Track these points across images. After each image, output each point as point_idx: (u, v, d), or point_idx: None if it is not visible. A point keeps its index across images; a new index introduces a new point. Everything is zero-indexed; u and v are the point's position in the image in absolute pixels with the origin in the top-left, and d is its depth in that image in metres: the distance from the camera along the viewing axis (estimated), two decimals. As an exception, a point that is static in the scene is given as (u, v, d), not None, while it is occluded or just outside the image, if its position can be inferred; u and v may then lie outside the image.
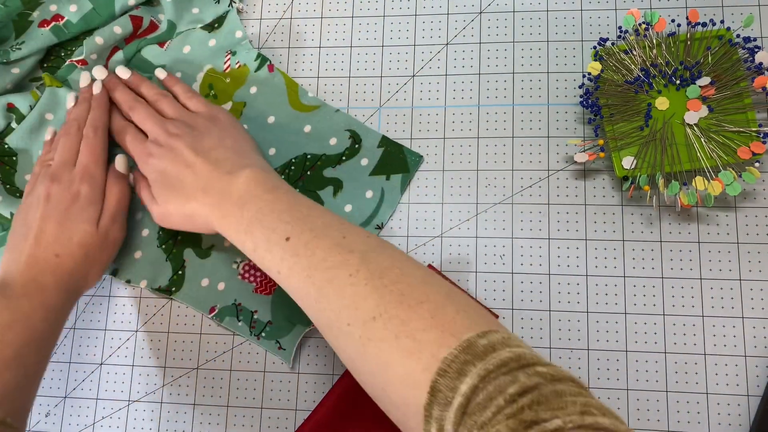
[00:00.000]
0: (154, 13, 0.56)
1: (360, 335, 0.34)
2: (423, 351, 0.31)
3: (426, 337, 0.31)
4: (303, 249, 0.38)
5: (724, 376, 0.45)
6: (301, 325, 0.49)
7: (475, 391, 0.28)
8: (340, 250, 0.37)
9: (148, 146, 0.48)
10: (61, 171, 0.48)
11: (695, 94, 0.46)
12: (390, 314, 0.33)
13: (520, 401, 0.26)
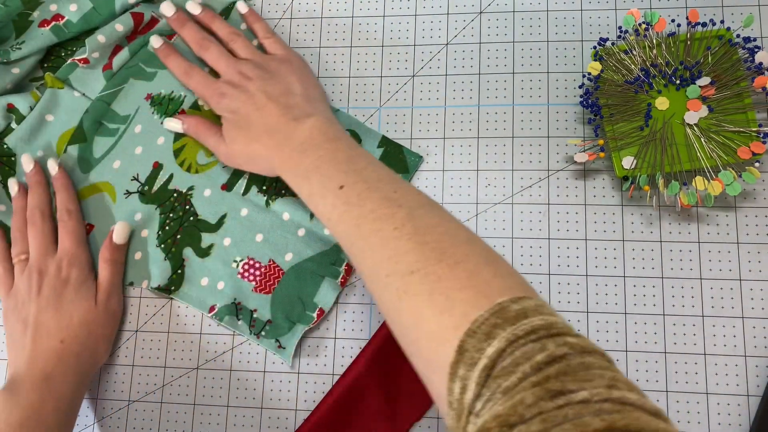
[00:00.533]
0: (154, 9, 0.56)
1: (397, 287, 0.34)
2: (455, 309, 0.31)
3: (459, 296, 0.32)
4: (355, 198, 0.38)
5: (724, 376, 0.45)
6: (301, 324, 0.49)
7: (501, 354, 0.28)
8: (389, 204, 0.37)
9: (221, 86, 0.49)
10: (44, 262, 0.49)
11: (695, 94, 0.46)
12: (427, 270, 0.33)
13: (547, 370, 0.26)
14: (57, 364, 0.46)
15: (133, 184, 0.54)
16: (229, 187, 0.52)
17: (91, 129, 0.55)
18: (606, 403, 0.24)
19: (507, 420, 0.25)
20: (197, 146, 0.53)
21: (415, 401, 0.47)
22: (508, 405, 0.25)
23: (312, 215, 0.51)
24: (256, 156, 0.46)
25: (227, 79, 0.49)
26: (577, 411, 0.24)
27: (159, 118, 0.54)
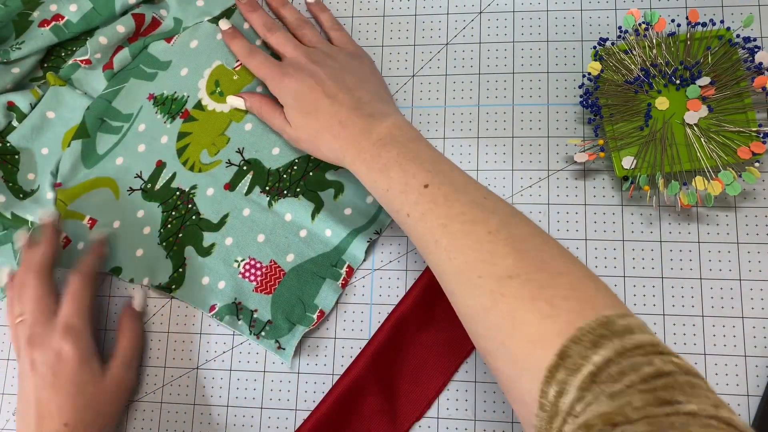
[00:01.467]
0: (155, 9, 0.56)
1: (492, 289, 0.34)
2: (560, 316, 0.31)
3: (564, 304, 0.32)
4: (442, 199, 0.38)
5: (724, 376, 0.45)
6: (301, 325, 0.49)
7: (608, 363, 0.28)
8: (481, 209, 0.37)
9: (285, 67, 0.48)
10: (37, 331, 0.45)
11: (695, 94, 0.46)
12: (529, 277, 0.33)
13: (655, 382, 0.26)
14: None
15: (136, 182, 0.54)
16: (232, 186, 0.52)
17: (94, 125, 0.55)
18: (713, 420, 0.25)
19: (612, 419, 0.25)
20: (200, 145, 0.53)
21: (415, 401, 0.47)
22: (614, 405, 0.26)
23: (314, 217, 0.51)
24: (324, 145, 0.45)
25: (293, 60, 0.48)
26: (684, 421, 0.24)
27: (162, 117, 0.54)
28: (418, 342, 0.48)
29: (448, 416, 0.47)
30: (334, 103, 0.45)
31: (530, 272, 0.33)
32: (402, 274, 0.50)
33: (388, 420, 0.47)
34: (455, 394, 0.48)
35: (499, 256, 0.34)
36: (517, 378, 0.32)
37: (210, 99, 0.54)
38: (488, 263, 0.35)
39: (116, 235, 0.53)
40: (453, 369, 0.48)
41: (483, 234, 0.35)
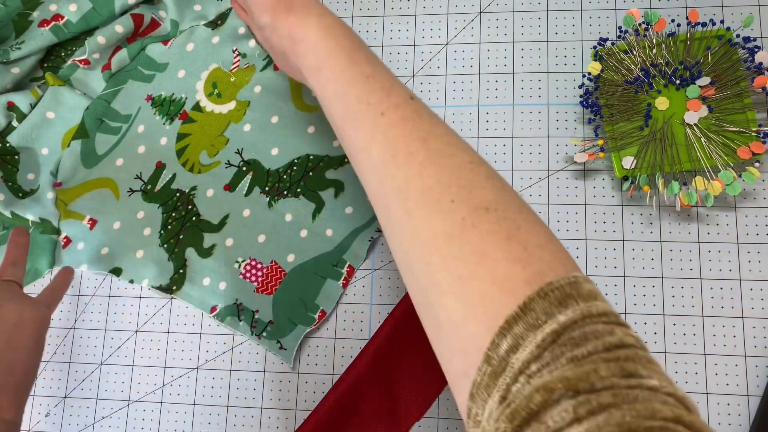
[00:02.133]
0: (154, 10, 0.56)
1: (464, 217, 0.31)
2: (531, 264, 0.29)
3: (537, 252, 0.30)
4: (427, 115, 0.35)
5: (724, 376, 0.45)
6: (302, 325, 0.49)
7: (572, 325, 0.27)
8: (461, 141, 0.35)
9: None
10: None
11: (695, 94, 0.46)
12: (507, 215, 0.31)
13: (617, 353, 0.26)
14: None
15: (136, 183, 0.54)
16: (232, 187, 0.52)
17: (93, 126, 0.55)
18: (671, 397, 0.25)
19: (575, 385, 0.24)
20: (200, 146, 0.54)
21: (415, 401, 0.47)
22: (578, 371, 0.25)
23: (314, 217, 0.51)
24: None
25: None
26: (647, 396, 0.24)
27: (161, 119, 0.55)
28: (418, 342, 0.48)
29: (448, 416, 0.47)
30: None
31: (508, 211, 0.31)
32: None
33: (388, 420, 0.47)
34: (455, 394, 0.48)
35: (479, 187, 0.32)
36: (463, 321, 0.30)
37: (208, 100, 0.54)
38: (465, 190, 0.32)
39: (116, 235, 0.53)
40: (453, 369, 0.48)
41: (464, 161, 0.33)
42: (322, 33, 0.38)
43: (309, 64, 0.39)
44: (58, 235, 0.54)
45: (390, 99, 0.35)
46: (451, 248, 0.31)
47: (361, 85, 0.36)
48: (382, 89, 0.36)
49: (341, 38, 0.38)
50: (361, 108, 0.36)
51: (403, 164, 0.34)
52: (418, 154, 0.33)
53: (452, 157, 0.33)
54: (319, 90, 0.38)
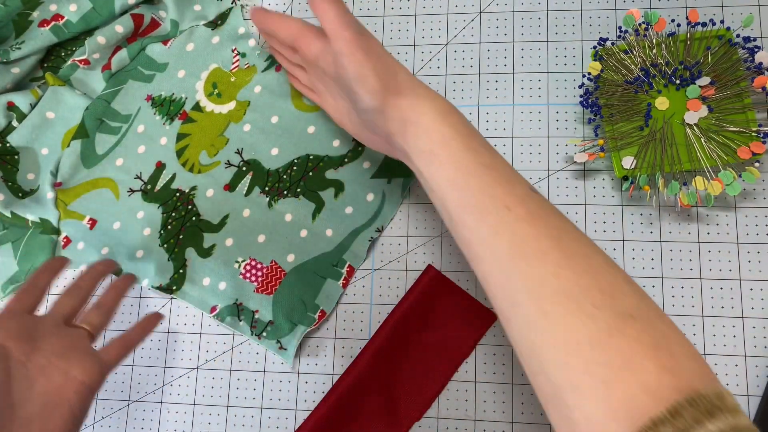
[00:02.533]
0: (154, 10, 0.57)
1: (609, 324, 0.31)
2: (681, 374, 0.29)
3: (686, 363, 0.30)
4: (552, 210, 0.35)
5: (724, 376, 0.45)
6: (302, 325, 0.49)
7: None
8: (590, 240, 0.34)
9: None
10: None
11: (695, 94, 0.46)
12: (652, 323, 0.31)
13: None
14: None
15: (136, 182, 0.54)
16: (232, 187, 0.52)
17: (93, 126, 0.55)
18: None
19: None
20: (200, 146, 0.54)
21: (415, 401, 0.47)
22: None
23: (314, 217, 0.51)
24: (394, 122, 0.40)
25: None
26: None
27: (161, 119, 0.55)
28: (418, 342, 0.48)
29: (448, 416, 0.47)
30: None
31: (652, 318, 0.31)
32: (402, 274, 0.50)
33: (388, 420, 0.47)
34: (455, 394, 0.48)
35: (620, 292, 0.32)
36: (604, 420, 0.30)
37: (208, 100, 0.54)
38: (607, 295, 0.32)
39: (116, 235, 0.53)
40: (453, 369, 0.48)
41: (600, 263, 0.33)
42: (436, 117, 0.37)
43: (420, 147, 0.38)
44: (58, 235, 0.54)
45: (514, 192, 0.35)
46: (595, 353, 0.31)
47: (481, 175, 0.36)
48: (506, 182, 0.35)
49: (457, 124, 0.37)
50: (483, 199, 0.35)
51: (535, 262, 0.33)
52: (551, 253, 0.33)
53: (587, 258, 0.33)
54: (428, 174, 0.37)
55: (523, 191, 0.35)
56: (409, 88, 0.39)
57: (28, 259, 0.53)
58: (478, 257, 0.35)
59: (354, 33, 0.38)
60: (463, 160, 0.36)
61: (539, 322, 0.32)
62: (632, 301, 0.32)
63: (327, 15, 0.38)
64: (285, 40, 0.45)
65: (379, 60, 0.38)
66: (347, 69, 0.38)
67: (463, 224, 0.36)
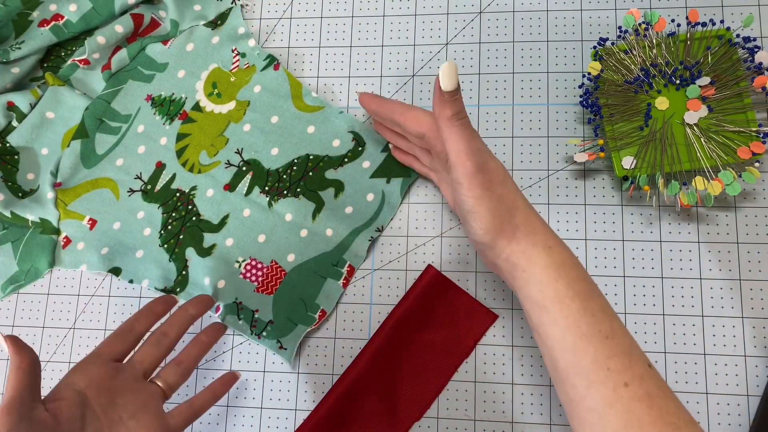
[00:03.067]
0: (154, 10, 0.57)
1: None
2: None
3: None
4: (668, 391, 0.35)
5: (724, 376, 0.45)
6: (303, 325, 0.49)
7: None
8: (690, 419, 0.34)
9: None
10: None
11: (695, 94, 0.46)
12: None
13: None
14: None
15: (136, 183, 0.54)
16: (232, 187, 0.52)
17: (93, 126, 0.55)
18: None
19: None
20: (199, 146, 0.54)
21: (415, 401, 0.47)
22: None
23: (314, 216, 0.51)
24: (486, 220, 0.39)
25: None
26: None
27: (161, 119, 0.55)
28: (418, 342, 0.48)
29: (448, 416, 0.47)
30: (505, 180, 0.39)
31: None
32: (402, 274, 0.50)
33: (388, 420, 0.47)
34: (455, 394, 0.48)
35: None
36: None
37: (208, 100, 0.54)
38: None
39: (116, 235, 0.53)
40: (453, 369, 0.48)
41: (663, 416, 0.33)
42: (550, 271, 0.36)
43: (531, 296, 0.37)
44: (58, 235, 0.54)
45: (633, 368, 0.34)
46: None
47: (598, 344, 0.35)
48: (624, 354, 0.34)
49: (575, 281, 0.36)
50: (598, 369, 0.34)
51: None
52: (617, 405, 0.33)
53: (654, 410, 0.33)
54: (538, 323, 0.37)
55: (642, 367, 0.34)
56: (524, 233, 0.38)
57: (28, 259, 0.53)
58: (584, 421, 0.35)
59: (476, 165, 0.37)
60: (580, 325, 0.35)
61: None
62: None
63: (452, 138, 0.37)
64: (391, 122, 0.45)
65: (499, 199, 0.38)
66: (463, 201, 0.38)
67: (572, 385, 0.35)
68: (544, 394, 0.47)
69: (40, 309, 0.54)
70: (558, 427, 0.46)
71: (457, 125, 0.37)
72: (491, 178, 0.38)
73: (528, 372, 0.47)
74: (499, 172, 0.39)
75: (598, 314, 0.35)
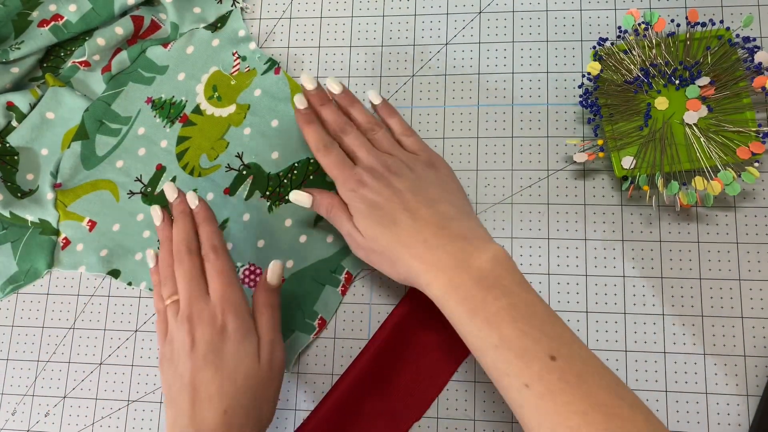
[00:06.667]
0: (154, 12, 0.57)
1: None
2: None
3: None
4: (575, 379, 0.34)
5: (724, 376, 0.45)
6: (300, 332, 0.49)
7: None
8: (620, 398, 0.34)
9: (361, 173, 0.43)
10: (197, 308, 0.41)
11: (695, 94, 0.46)
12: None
13: None
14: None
15: (136, 185, 0.54)
16: (232, 191, 0.52)
17: (93, 127, 0.55)
18: None
19: None
20: (200, 150, 0.54)
21: (415, 401, 0.47)
22: None
23: (316, 223, 0.51)
24: (401, 264, 0.40)
25: (369, 166, 0.44)
26: None
27: (162, 122, 0.54)
28: (418, 342, 0.48)
29: (448, 416, 0.47)
30: (414, 217, 0.41)
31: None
32: (402, 274, 0.50)
33: (388, 420, 0.47)
34: (455, 394, 0.48)
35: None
36: None
37: (208, 103, 0.54)
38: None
39: (116, 237, 0.53)
40: (453, 369, 0.48)
41: (640, 421, 0.33)
42: (448, 291, 0.38)
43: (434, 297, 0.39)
44: (58, 236, 0.54)
45: (530, 367, 0.35)
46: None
47: (485, 350, 0.36)
48: (518, 358, 0.35)
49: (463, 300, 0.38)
50: (495, 372, 0.36)
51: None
52: (581, 430, 0.33)
53: (619, 430, 0.33)
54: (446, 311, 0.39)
55: (540, 365, 0.34)
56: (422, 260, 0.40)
57: (28, 259, 0.53)
58: (509, 401, 0.36)
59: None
60: (469, 340, 0.38)
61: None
62: None
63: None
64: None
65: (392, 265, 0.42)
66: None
67: (494, 378, 0.37)
68: (543, 394, 0.47)
69: (39, 309, 0.54)
70: (558, 427, 0.46)
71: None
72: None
73: (528, 372, 0.47)
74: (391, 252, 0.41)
75: (483, 328, 0.37)
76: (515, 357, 0.35)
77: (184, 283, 0.42)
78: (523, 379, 0.35)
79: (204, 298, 0.42)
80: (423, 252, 0.39)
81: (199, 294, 0.42)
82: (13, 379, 0.53)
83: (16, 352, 0.53)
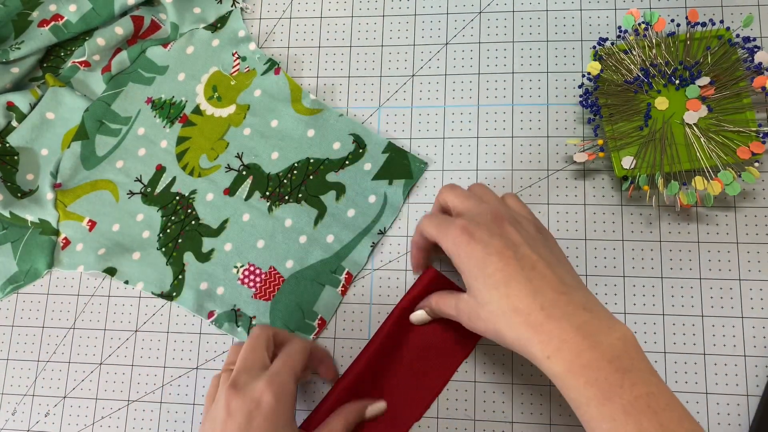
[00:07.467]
0: (154, 12, 0.57)
1: None
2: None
3: None
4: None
5: (724, 376, 0.45)
6: (300, 333, 0.49)
7: None
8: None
9: (469, 225, 0.39)
10: (242, 378, 0.40)
11: (695, 94, 0.46)
12: None
13: None
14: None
15: (136, 185, 0.54)
16: (232, 191, 0.52)
17: (93, 127, 0.55)
18: None
19: None
20: (200, 150, 0.54)
21: (415, 401, 0.47)
22: None
23: (316, 223, 0.51)
24: (511, 332, 0.36)
25: (475, 216, 0.39)
26: None
27: (162, 122, 0.55)
28: (418, 342, 0.48)
29: (448, 416, 0.47)
30: (532, 277, 0.36)
31: None
32: (402, 274, 0.50)
33: (388, 420, 0.47)
34: (455, 394, 0.48)
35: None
36: None
37: (208, 104, 0.54)
38: None
39: (114, 237, 0.53)
40: (453, 369, 0.48)
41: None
42: (576, 376, 0.34)
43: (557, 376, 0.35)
44: (58, 236, 0.54)
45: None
46: None
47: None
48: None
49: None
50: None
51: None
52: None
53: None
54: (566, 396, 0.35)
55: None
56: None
57: (28, 259, 0.53)
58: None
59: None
60: (605, 428, 0.33)
61: None
62: None
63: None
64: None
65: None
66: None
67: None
68: (544, 394, 0.47)
69: (39, 309, 0.54)
70: (558, 427, 0.46)
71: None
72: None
73: (528, 372, 0.47)
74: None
75: (618, 417, 0.33)
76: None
77: (244, 354, 0.42)
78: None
79: (255, 372, 0.41)
80: (542, 320, 0.35)
81: (251, 367, 0.41)
82: (13, 379, 0.53)
83: (16, 352, 0.53)
